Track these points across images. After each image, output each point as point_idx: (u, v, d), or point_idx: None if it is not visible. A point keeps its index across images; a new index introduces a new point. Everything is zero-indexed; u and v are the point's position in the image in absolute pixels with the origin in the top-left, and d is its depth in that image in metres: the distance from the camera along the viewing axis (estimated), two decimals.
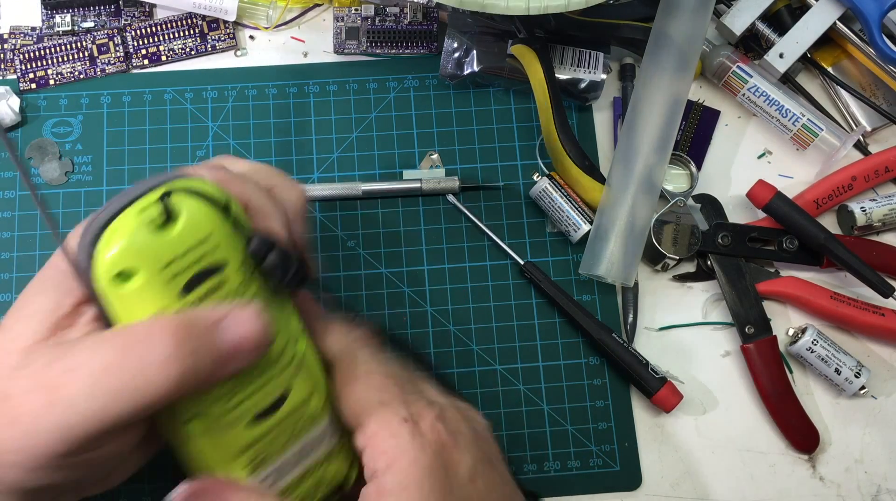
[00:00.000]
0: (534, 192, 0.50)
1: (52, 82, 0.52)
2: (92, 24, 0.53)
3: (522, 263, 0.50)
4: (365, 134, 0.52)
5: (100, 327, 0.31)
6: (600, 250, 0.47)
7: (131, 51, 0.53)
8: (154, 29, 0.53)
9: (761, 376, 0.48)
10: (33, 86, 0.52)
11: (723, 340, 0.50)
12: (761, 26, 0.54)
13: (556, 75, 0.50)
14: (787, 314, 0.51)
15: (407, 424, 0.33)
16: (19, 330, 0.31)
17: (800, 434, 0.48)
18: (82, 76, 0.52)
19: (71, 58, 0.52)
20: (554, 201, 0.49)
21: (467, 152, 0.52)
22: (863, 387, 0.48)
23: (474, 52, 0.51)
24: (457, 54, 0.52)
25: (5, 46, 0.52)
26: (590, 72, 0.51)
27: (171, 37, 0.53)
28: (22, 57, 0.52)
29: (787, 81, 0.54)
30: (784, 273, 0.51)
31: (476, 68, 0.51)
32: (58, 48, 0.52)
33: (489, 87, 0.53)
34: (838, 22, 0.52)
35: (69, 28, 0.52)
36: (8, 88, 0.51)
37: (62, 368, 0.29)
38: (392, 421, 0.33)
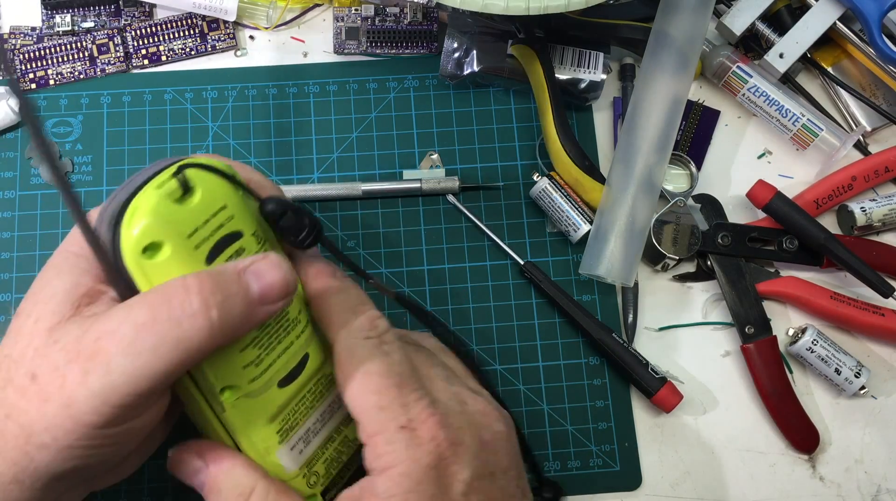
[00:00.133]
0: (534, 192, 0.50)
1: (52, 82, 0.52)
2: (92, 25, 0.53)
3: (522, 263, 0.50)
4: (365, 134, 0.52)
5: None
6: (600, 250, 0.47)
7: (131, 51, 0.53)
8: (154, 29, 0.53)
9: (761, 376, 0.48)
10: (33, 86, 0.52)
11: (723, 340, 0.50)
12: (761, 26, 0.54)
13: (556, 75, 0.50)
14: (787, 314, 0.51)
15: (404, 431, 0.32)
16: (40, 312, 0.31)
17: (800, 434, 0.48)
18: (82, 76, 0.52)
19: (71, 58, 0.52)
20: (554, 201, 0.49)
21: (467, 152, 0.52)
22: (863, 387, 0.48)
23: (474, 52, 0.51)
24: (457, 54, 0.52)
25: (5, 46, 0.52)
26: (590, 72, 0.51)
27: (171, 37, 0.53)
28: (22, 57, 0.52)
29: (787, 81, 0.54)
30: (784, 273, 0.51)
31: (476, 68, 0.51)
32: (58, 48, 0.52)
33: (489, 87, 0.53)
34: (838, 22, 0.52)
35: (69, 28, 0.52)
36: (8, 87, 0.51)
37: (94, 336, 0.29)
38: (389, 428, 0.32)
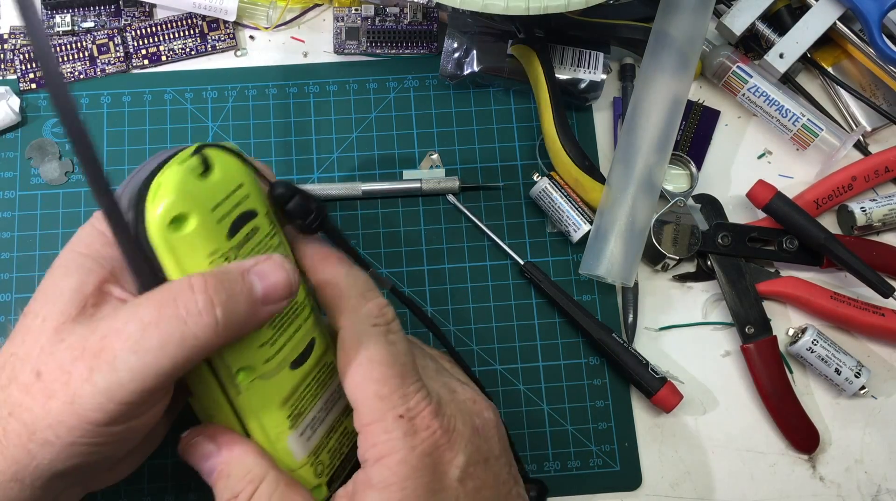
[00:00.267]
0: (534, 192, 0.50)
1: None
2: (92, 25, 0.53)
3: (522, 263, 0.49)
4: (365, 134, 0.52)
5: (128, 301, 0.32)
6: (600, 250, 0.47)
7: (131, 51, 0.53)
8: (154, 29, 0.53)
9: (761, 376, 0.48)
10: (33, 86, 0.52)
11: (723, 340, 0.50)
12: (761, 26, 0.54)
13: (556, 75, 0.50)
14: (787, 314, 0.51)
15: (402, 420, 0.33)
16: (48, 312, 0.31)
17: (800, 434, 0.48)
18: (82, 76, 0.52)
19: (71, 58, 0.52)
20: (554, 201, 0.49)
21: (467, 152, 0.52)
22: (863, 387, 0.48)
23: (474, 52, 0.51)
24: (457, 54, 0.52)
25: (5, 46, 0.52)
26: (590, 72, 0.51)
27: (171, 37, 0.53)
28: (22, 57, 0.52)
29: (787, 81, 0.54)
30: (784, 273, 0.51)
31: (476, 68, 0.51)
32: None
33: (489, 87, 0.53)
34: (838, 22, 0.52)
35: (69, 28, 0.52)
36: (8, 88, 0.51)
37: (100, 335, 0.30)
38: (387, 417, 0.33)
